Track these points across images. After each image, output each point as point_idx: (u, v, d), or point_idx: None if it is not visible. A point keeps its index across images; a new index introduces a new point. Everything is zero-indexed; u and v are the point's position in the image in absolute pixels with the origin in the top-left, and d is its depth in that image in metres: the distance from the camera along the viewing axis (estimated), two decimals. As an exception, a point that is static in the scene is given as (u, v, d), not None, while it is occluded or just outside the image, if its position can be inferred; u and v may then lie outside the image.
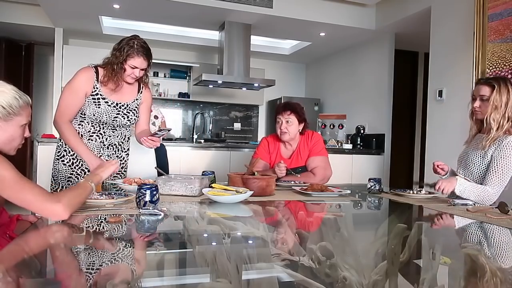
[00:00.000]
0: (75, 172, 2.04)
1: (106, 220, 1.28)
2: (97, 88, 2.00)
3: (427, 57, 4.06)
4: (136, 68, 2.00)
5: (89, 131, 2.04)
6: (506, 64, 3.05)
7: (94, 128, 2.05)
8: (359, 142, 4.93)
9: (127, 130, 2.20)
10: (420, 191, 2.01)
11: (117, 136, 2.13)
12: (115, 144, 2.13)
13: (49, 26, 5.06)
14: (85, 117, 2.02)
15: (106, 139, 2.09)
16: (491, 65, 3.16)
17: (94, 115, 2.00)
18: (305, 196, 1.92)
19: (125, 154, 2.21)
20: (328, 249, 1.07)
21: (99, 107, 2.00)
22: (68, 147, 2.02)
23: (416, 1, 4.05)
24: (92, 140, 2.05)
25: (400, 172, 5.22)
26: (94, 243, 1.08)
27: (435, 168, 2.10)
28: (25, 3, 4.79)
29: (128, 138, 2.23)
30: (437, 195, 2.00)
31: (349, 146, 4.75)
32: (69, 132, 1.97)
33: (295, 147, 2.56)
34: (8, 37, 5.55)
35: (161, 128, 2.01)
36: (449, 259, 1.08)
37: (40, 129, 5.92)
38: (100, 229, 1.21)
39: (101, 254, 0.97)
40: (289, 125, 2.47)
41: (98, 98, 2.00)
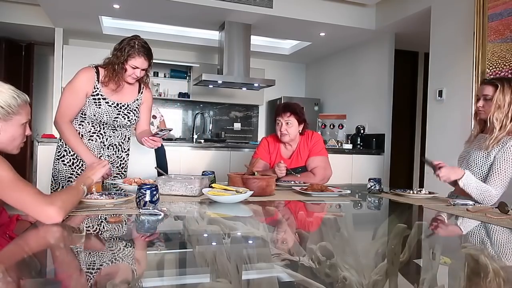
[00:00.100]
0: (75, 172, 2.04)
1: (106, 220, 1.28)
2: (98, 89, 2.00)
3: (427, 57, 4.06)
4: (137, 68, 2.00)
5: (90, 131, 2.04)
6: (506, 64, 3.05)
7: (95, 128, 2.05)
8: (359, 142, 4.93)
9: (128, 131, 2.20)
10: (420, 191, 2.01)
11: (118, 137, 2.13)
12: (115, 145, 2.13)
13: (49, 26, 5.06)
14: (86, 117, 2.02)
15: (107, 139, 2.09)
16: (491, 65, 3.16)
17: (95, 115, 2.00)
18: (305, 196, 1.92)
19: (125, 154, 2.21)
20: (328, 249, 1.07)
21: (100, 107, 2.00)
22: (69, 147, 2.03)
23: (416, 1, 4.05)
24: (93, 140, 2.05)
25: (400, 172, 5.22)
26: (94, 243, 1.08)
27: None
28: (25, 3, 4.79)
29: (129, 139, 2.23)
30: (437, 195, 2.00)
31: (349, 146, 4.75)
32: (69, 132, 1.97)
33: (295, 147, 2.56)
34: (8, 37, 5.55)
35: (162, 128, 2.01)
36: (449, 259, 1.08)
37: (40, 129, 5.93)
38: (100, 229, 1.21)
39: (101, 254, 0.97)
40: (289, 127, 2.47)
41: (99, 99, 2.00)
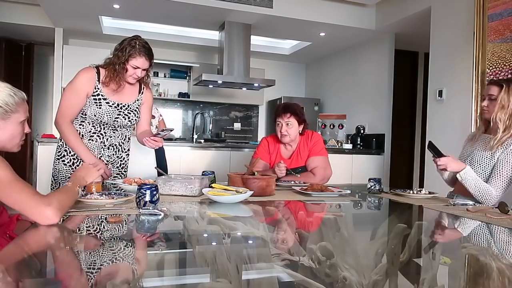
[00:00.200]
0: (75, 172, 2.04)
1: (106, 220, 1.28)
2: (98, 89, 2.00)
3: (427, 57, 4.06)
4: (138, 68, 2.00)
5: (90, 132, 2.04)
6: (506, 64, 3.05)
7: (95, 129, 2.05)
8: (359, 142, 4.93)
9: (128, 131, 2.20)
10: (420, 191, 2.01)
11: (118, 137, 2.13)
12: (116, 145, 2.13)
13: (49, 26, 5.06)
14: (86, 118, 2.02)
15: (107, 140, 2.09)
16: (491, 65, 3.16)
17: (95, 116, 2.00)
18: (305, 196, 1.92)
19: (125, 155, 2.21)
20: (328, 249, 1.07)
21: (100, 108, 2.00)
22: (69, 147, 2.03)
23: (416, 1, 4.05)
24: (93, 141, 2.05)
25: (400, 172, 5.22)
26: (94, 243, 1.08)
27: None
28: (25, 3, 4.79)
29: (129, 139, 2.23)
30: (437, 195, 2.00)
31: (349, 146, 4.75)
32: (70, 132, 1.97)
33: (295, 147, 2.56)
34: (8, 37, 5.55)
35: (164, 129, 2.02)
36: (449, 259, 1.08)
37: (40, 129, 5.93)
38: (100, 229, 1.21)
39: (101, 254, 0.97)
40: (289, 128, 2.47)
41: (99, 99, 2.00)
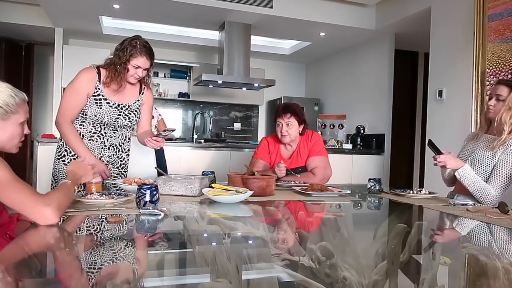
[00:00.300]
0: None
1: (107, 220, 1.28)
2: (99, 89, 2.00)
3: (427, 57, 4.06)
4: (139, 68, 2.00)
5: (90, 132, 2.04)
6: (506, 64, 3.05)
7: (95, 129, 2.05)
8: (359, 142, 4.93)
9: (128, 131, 2.20)
10: (420, 191, 2.01)
11: (118, 137, 2.13)
12: (116, 145, 2.13)
13: (49, 26, 5.06)
14: (87, 118, 2.02)
15: (107, 140, 2.09)
16: (491, 65, 3.16)
17: (96, 116, 2.00)
18: (305, 196, 1.92)
19: (125, 155, 2.21)
20: (328, 249, 1.07)
21: (101, 108, 2.00)
22: (69, 147, 2.03)
23: (416, 1, 4.05)
24: (93, 141, 2.05)
25: (400, 172, 5.22)
26: (94, 243, 1.08)
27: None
28: (25, 3, 4.79)
29: (129, 139, 2.23)
30: (437, 195, 2.00)
31: (349, 146, 4.75)
32: (70, 132, 1.97)
33: (295, 148, 2.56)
34: (8, 37, 5.55)
35: (166, 129, 2.02)
36: (449, 259, 1.08)
37: (40, 129, 5.93)
38: (100, 229, 1.21)
39: (102, 254, 0.97)
40: (290, 128, 2.47)
41: (100, 99, 2.00)
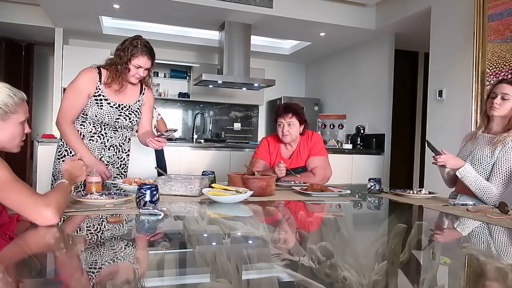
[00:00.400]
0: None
1: (107, 220, 1.28)
2: (100, 89, 2.00)
3: (427, 57, 4.06)
4: (141, 68, 2.00)
5: (91, 132, 2.04)
6: (506, 64, 3.05)
7: (96, 129, 2.05)
8: (359, 142, 4.92)
9: (128, 131, 2.20)
10: (420, 191, 2.01)
11: (118, 137, 2.13)
12: (116, 145, 2.13)
13: (49, 26, 5.06)
14: (87, 118, 2.02)
15: (108, 140, 2.09)
16: (491, 65, 3.16)
17: (96, 116, 2.00)
18: (305, 196, 1.92)
19: (126, 155, 2.21)
20: (328, 249, 1.07)
21: (101, 108, 2.00)
22: (69, 147, 2.03)
23: (416, 1, 4.05)
24: (93, 141, 2.05)
25: (400, 172, 5.22)
26: (94, 243, 1.08)
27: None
28: (25, 3, 4.79)
29: (129, 139, 2.23)
30: (437, 195, 2.00)
31: (349, 146, 4.75)
32: (70, 132, 1.97)
33: (295, 147, 2.56)
34: (8, 37, 5.55)
35: (168, 129, 2.02)
36: (449, 259, 1.08)
37: (40, 129, 5.93)
38: (101, 229, 1.21)
39: (102, 254, 0.97)
40: (291, 128, 2.47)
41: (101, 99, 2.00)
